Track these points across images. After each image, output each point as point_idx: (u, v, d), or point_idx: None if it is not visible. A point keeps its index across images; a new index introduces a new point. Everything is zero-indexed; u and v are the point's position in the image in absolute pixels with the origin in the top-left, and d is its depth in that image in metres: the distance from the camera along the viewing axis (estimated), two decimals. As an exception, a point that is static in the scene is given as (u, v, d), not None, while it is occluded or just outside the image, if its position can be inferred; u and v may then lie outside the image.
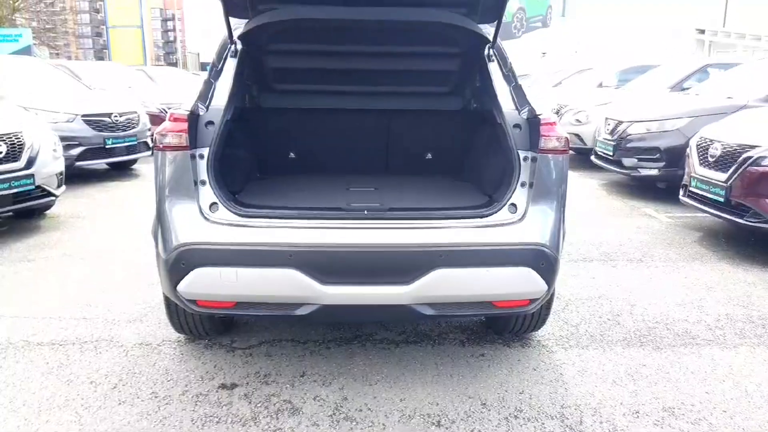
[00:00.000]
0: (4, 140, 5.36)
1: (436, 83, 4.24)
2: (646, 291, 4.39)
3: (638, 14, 34.05)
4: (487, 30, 3.49)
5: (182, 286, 2.69)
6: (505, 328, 3.49)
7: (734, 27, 28.44)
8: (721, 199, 5.21)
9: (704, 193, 5.46)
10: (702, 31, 28.37)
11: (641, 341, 3.57)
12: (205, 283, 2.69)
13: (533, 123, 2.99)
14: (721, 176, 5.21)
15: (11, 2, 29.77)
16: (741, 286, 4.51)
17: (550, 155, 2.93)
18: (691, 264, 5.03)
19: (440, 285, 2.70)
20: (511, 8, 33.89)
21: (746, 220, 5.00)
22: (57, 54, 49.71)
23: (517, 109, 3.14)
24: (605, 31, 33.93)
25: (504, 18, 3.52)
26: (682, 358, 3.36)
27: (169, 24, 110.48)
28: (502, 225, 2.83)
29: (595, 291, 4.37)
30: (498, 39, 3.45)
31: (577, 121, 10.08)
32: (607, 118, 8.22)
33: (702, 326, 3.79)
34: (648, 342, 3.56)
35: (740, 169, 4.99)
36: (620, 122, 7.78)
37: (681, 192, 5.96)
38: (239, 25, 3.39)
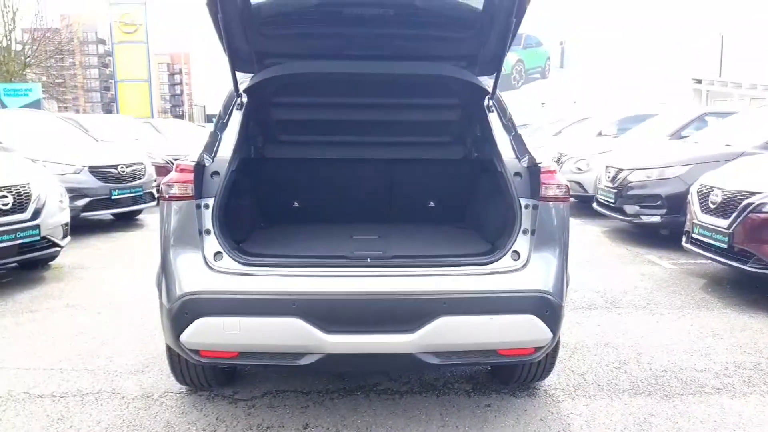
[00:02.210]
0: (11, 191, 5.43)
1: (438, 133, 4.31)
2: (653, 339, 4.35)
3: (636, 65, 34.76)
4: (487, 82, 3.58)
5: (185, 336, 2.68)
6: (511, 377, 3.44)
7: (730, 76, 28.94)
8: (724, 246, 5.21)
9: (707, 240, 5.46)
10: (699, 81, 28.88)
11: (649, 390, 3.52)
12: (208, 333, 2.68)
13: (534, 171, 3.03)
14: (722, 223, 5.23)
15: (23, 58, 30.54)
16: (748, 333, 4.47)
17: (551, 203, 2.97)
18: (696, 311, 5.00)
19: (444, 333, 2.69)
20: (510, 60, 34.60)
21: (750, 267, 4.99)
22: (65, 107, 50.70)
23: (517, 157, 3.18)
24: (603, 82, 34.58)
25: (503, 70, 3.62)
26: (691, 407, 3.31)
27: (176, 77, 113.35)
28: (505, 272, 2.84)
29: (600, 339, 4.33)
30: (497, 90, 3.54)
31: (578, 169, 10.18)
32: (607, 166, 8.30)
33: (710, 374, 3.74)
34: (656, 391, 3.51)
35: (742, 216, 5.01)
36: (621, 170, 7.85)
37: (684, 238, 5.96)
38: (245, 79, 3.49)
